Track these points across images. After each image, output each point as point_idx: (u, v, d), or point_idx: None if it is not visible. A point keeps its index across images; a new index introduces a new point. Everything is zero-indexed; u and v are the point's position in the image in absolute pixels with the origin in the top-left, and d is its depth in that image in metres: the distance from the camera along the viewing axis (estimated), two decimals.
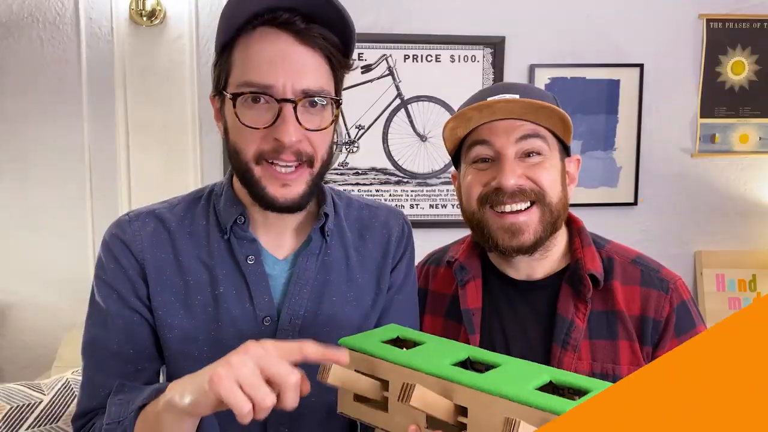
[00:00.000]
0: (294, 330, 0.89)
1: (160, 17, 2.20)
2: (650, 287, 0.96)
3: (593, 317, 0.96)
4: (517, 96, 0.94)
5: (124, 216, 0.92)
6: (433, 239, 1.59)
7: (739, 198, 2.53)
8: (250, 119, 0.82)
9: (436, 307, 1.07)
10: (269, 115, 0.81)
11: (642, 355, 0.94)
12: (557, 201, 0.96)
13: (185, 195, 0.97)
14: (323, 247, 0.93)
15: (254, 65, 0.81)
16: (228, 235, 0.90)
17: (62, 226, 2.27)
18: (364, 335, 0.75)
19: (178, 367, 0.88)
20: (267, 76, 0.80)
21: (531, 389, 0.60)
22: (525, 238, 0.95)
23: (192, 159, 2.30)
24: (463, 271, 1.04)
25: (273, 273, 0.91)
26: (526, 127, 0.94)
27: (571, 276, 0.98)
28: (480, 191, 0.97)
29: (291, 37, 0.82)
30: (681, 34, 2.43)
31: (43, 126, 2.24)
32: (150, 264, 0.88)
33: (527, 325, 1.00)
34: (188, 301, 0.88)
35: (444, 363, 0.66)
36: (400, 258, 0.99)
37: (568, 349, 0.94)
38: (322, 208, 0.93)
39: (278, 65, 0.80)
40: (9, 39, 2.20)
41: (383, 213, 1.01)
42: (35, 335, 2.30)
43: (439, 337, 0.75)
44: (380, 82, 2.36)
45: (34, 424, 1.23)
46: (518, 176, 0.94)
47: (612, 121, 2.43)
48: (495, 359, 0.68)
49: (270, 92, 0.81)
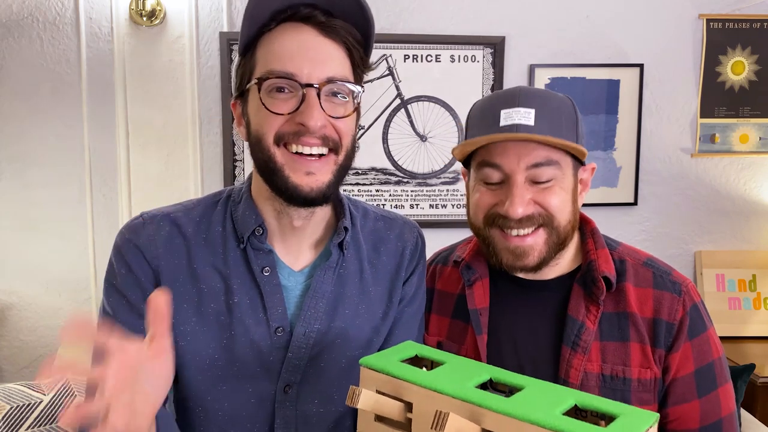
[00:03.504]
0: (307, 343, 0.88)
1: (160, 17, 2.20)
2: (663, 290, 0.95)
3: (604, 319, 0.95)
4: (533, 112, 0.90)
5: (138, 218, 0.89)
6: (433, 239, 1.59)
7: (739, 198, 2.53)
8: (275, 106, 0.81)
9: (443, 306, 1.07)
10: (293, 101, 0.81)
11: (653, 358, 0.93)
12: (566, 223, 0.94)
13: (202, 198, 0.95)
14: (340, 261, 0.92)
15: (277, 56, 0.81)
16: (245, 245, 0.88)
17: (62, 226, 2.27)
18: (384, 354, 0.74)
19: (190, 375, 0.87)
20: (290, 65, 0.80)
21: (558, 414, 0.60)
22: (529, 260, 0.94)
23: (192, 159, 2.30)
24: (470, 271, 1.03)
25: (288, 284, 0.90)
26: (538, 154, 0.90)
27: (584, 277, 0.97)
28: (487, 212, 0.95)
29: (313, 30, 0.82)
30: (681, 34, 2.43)
31: (43, 126, 2.24)
32: (164, 270, 0.86)
33: (536, 325, 0.99)
34: (201, 309, 0.87)
35: (469, 386, 0.66)
36: (413, 271, 0.99)
37: (578, 351, 0.93)
38: (341, 222, 0.91)
39: (302, 55, 0.80)
40: (9, 39, 2.20)
41: (398, 225, 1.00)
42: (35, 335, 2.30)
43: (457, 356, 0.75)
44: (380, 82, 2.36)
45: (34, 424, 1.23)
46: (527, 203, 0.91)
47: (612, 121, 2.43)
48: (517, 381, 0.68)
49: (294, 79, 0.80)
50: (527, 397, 0.63)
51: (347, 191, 2.35)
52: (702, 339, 0.94)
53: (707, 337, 0.95)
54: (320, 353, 0.89)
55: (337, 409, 0.92)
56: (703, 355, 0.94)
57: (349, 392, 0.64)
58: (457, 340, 1.03)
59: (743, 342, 2.37)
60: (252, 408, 0.88)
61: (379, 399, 0.67)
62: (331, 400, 0.91)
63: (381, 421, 0.70)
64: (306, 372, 0.89)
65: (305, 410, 0.89)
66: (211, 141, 2.32)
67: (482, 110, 0.96)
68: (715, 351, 0.95)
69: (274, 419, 0.88)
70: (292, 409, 0.89)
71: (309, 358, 0.88)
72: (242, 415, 0.88)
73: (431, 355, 0.75)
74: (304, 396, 0.89)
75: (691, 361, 0.93)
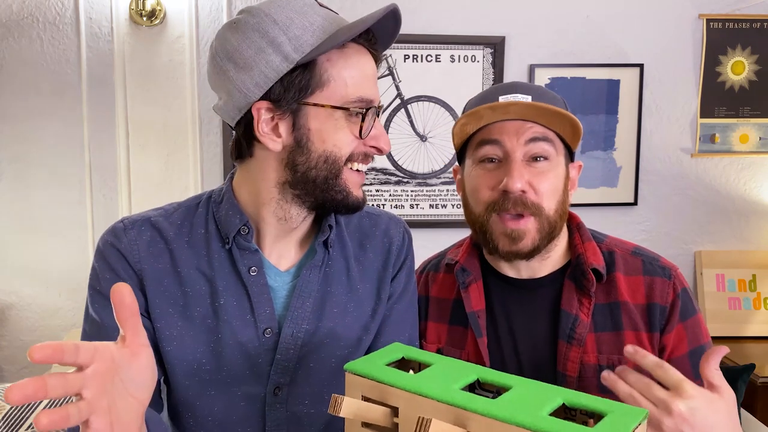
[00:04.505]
0: (296, 343, 0.88)
1: (160, 17, 2.20)
2: (653, 275, 0.98)
3: (597, 310, 0.97)
4: (530, 98, 0.95)
5: (119, 223, 0.88)
6: (433, 239, 1.59)
7: (739, 198, 2.53)
8: (356, 130, 0.83)
9: (439, 313, 1.07)
10: (365, 125, 0.84)
11: (650, 343, 0.95)
12: (553, 212, 0.96)
13: (182, 202, 0.94)
14: (325, 259, 0.92)
15: (361, 82, 0.84)
16: (230, 245, 0.87)
17: (62, 226, 2.27)
18: (369, 358, 0.73)
19: (178, 381, 0.87)
20: (373, 93, 0.85)
21: (545, 416, 0.59)
22: (523, 244, 0.96)
23: (192, 159, 2.30)
24: (465, 273, 1.04)
25: (275, 285, 0.89)
26: (535, 130, 0.95)
27: (574, 272, 0.99)
28: (488, 196, 0.97)
29: (371, 57, 0.87)
30: (681, 34, 2.43)
31: (43, 126, 2.24)
32: (148, 274, 0.85)
33: (533, 323, 1.00)
34: (187, 313, 0.86)
35: (454, 388, 0.65)
36: (401, 267, 0.98)
37: (574, 344, 0.95)
38: (325, 220, 0.91)
39: (374, 82, 0.87)
40: (9, 39, 2.20)
41: (384, 221, 1.00)
42: (35, 335, 2.30)
43: (444, 357, 0.74)
44: (380, 82, 2.35)
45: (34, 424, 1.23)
46: (525, 182, 0.94)
47: (612, 121, 2.43)
48: (504, 380, 0.68)
49: (372, 105, 0.84)
50: (514, 398, 0.63)
51: None
52: (693, 321, 0.97)
53: (698, 321, 0.98)
54: (309, 353, 0.89)
55: (327, 410, 0.92)
56: (696, 337, 0.97)
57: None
58: (457, 345, 1.03)
59: (743, 342, 2.37)
60: (242, 411, 0.87)
61: (362, 406, 0.66)
62: (321, 400, 0.90)
63: (368, 427, 0.69)
64: (295, 373, 0.88)
65: (296, 411, 0.89)
66: (211, 141, 2.32)
67: (482, 97, 1.01)
68: (706, 335, 0.99)
69: (265, 422, 0.88)
70: (282, 411, 0.88)
71: (298, 359, 0.88)
72: (232, 419, 0.88)
73: (418, 356, 0.74)
74: (294, 397, 0.89)
75: (685, 343, 0.96)
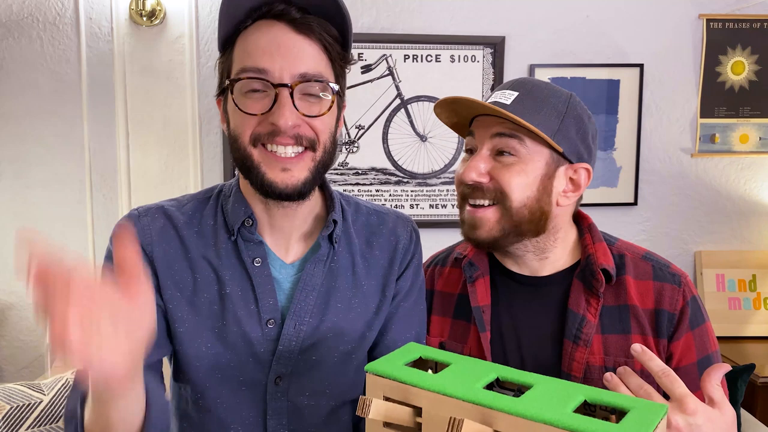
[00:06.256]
0: (298, 336, 0.89)
1: (160, 17, 2.20)
2: (663, 281, 0.98)
3: (605, 312, 0.97)
4: (516, 94, 0.95)
5: (134, 211, 0.92)
6: (433, 239, 1.59)
7: (739, 198, 2.53)
8: (248, 106, 0.82)
9: (444, 307, 1.08)
10: (266, 101, 0.82)
11: (657, 349, 0.95)
12: (520, 206, 0.95)
13: (195, 194, 0.97)
14: (330, 254, 0.93)
15: (250, 52, 0.82)
16: (235, 237, 0.90)
17: (62, 226, 2.27)
18: (388, 358, 0.73)
19: (188, 362, 0.89)
20: (262, 61, 0.81)
21: (570, 412, 0.60)
22: (480, 233, 0.97)
23: (192, 159, 2.30)
24: (473, 268, 1.04)
25: (279, 277, 0.91)
26: (504, 125, 0.95)
27: (583, 271, 0.99)
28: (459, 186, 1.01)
29: (287, 26, 0.82)
30: (681, 34, 2.43)
31: (43, 126, 2.24)
32: (159, 258, 0.89)
33: (538, 321, 1.00)
34: (194, 298, 0.89)
35: (477, 387, 0.65)
36: (407, 265, 0.99)
37: (580, 344, 0.95)
38: (330, 215, 0.93)
39: (274, 51, 0.81)
40: (9, 39, 2.20)
41: (391, 219, 1.01)
42: (35, 335, 2.30)
43: (462, 356, 0.74)
44: (380, 82, 2.36)
45: (34, 424, 1.23)
46: (480, 172, 0.95)
47: (612, 121, 2.43)
48: (525, 379, 0.68)
49: (266, 77, 0.81)
50: (537, 396, 0.63)
51: (347, 191, 2.35)
52: (702, 330, 0.97)
53: (706, 330, 0.97)
54: (312, 346, 0.90)
55: (329, 403, 0.92)
56: (704, 346, 0.96)
57: (359, 403, 0.63)
58: (459, 339, 1.04)
59: (743, 342, 2.37)
60: (244, 397, 0.90)
61: (389, 407, 0.66)
62: (323, 393, 0.91)
63: (389, 427, 0.69)
64: (297, 364, 0.90)
65: (297, 402, 0.91)
66: (211, 141, 2.32)
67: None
68: (714, 344, 0.98)
69: (267, 410, 0.90)
70: (283, 401, 0.90)
71: (300, 351, 0.89)
72: (236, 403, 0.90)
73: (436, 356, 0.75)
74: (295, 388, 0.90)
75: (693, 352, 0.95)
